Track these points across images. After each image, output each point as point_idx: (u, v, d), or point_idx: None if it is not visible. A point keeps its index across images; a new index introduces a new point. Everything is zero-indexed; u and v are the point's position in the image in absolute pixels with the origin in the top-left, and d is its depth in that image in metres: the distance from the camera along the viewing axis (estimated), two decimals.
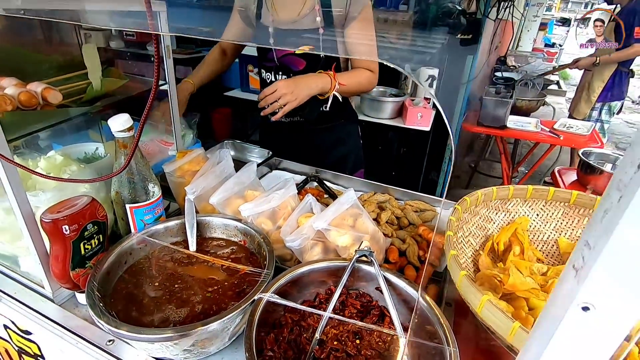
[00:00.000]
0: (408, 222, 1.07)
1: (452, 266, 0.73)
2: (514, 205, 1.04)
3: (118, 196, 0.80)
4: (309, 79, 1.25)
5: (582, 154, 1.82)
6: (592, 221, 0.25)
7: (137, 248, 0.79)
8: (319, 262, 0.75)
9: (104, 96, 0.85)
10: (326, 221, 0.80)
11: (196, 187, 0.88)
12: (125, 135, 0.76)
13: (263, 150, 1.48)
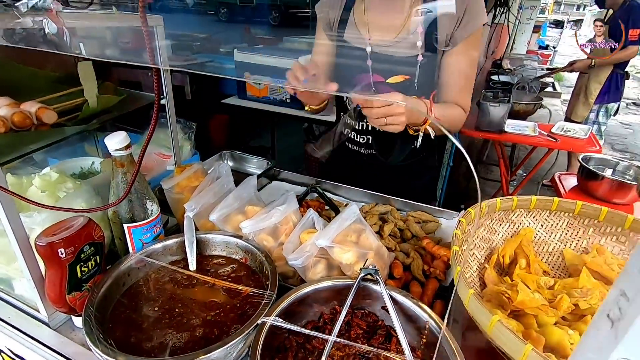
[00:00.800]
0: (411, 234, 1.05)
1: (460, 284, 0.72)
2: (518, 216, 1.03)
3: (115, 215, 0.78)
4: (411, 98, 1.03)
5: (582, 159, 1.82)
6: (628, 269, 0.23)
7: (135, 269, 0.77)
8: (323, 281, 0.73)
9: (100, 113, 0.83)
10: (329, 238, 0.78)
11: (195, 204, 0.86)
12: (122, 154, 0.74)
13: (262, 161, 1.47)
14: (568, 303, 0.77)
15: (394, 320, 0.65)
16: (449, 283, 0.91)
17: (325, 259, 0.83)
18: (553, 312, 0.75)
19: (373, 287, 0.73)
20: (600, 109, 3.81)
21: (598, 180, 1.69)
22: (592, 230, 0.99)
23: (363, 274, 0.72)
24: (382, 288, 0.70)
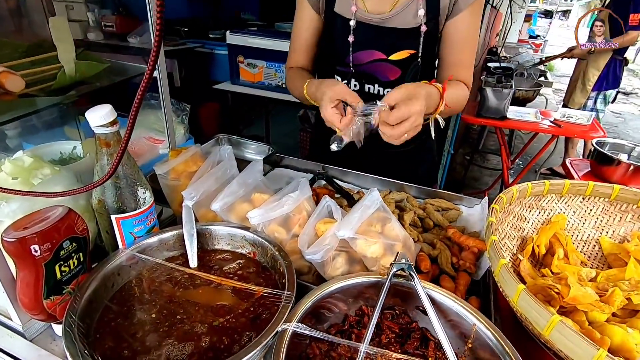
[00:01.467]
0: (433, 223, 0.95)
1: (506, 278, 0.62)
2: (549, 202, 0.94)
3: (101, 205, 0.66)
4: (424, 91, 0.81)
5: (596, 144, 1.75)
6: None
7: (126, 267, 0.66)
8: (348, 278, 0.63)
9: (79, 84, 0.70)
10: (352, 229, 0.67)
11: (195, 191, 0.75)
12: (108, 131, 0.62)
13: (262, 146, 1.35)
14: (621, 297, 0.69)
15: (435, 323, 0.55)
16: (480, 277, 0.82)
17: (345, 252, 0.73)
18: (607, 309, 0.66)
19: (404, 283, 0.64)
20: (598, 96, 3.76)
21: (613, 165, 1.62)
22: (630, 217, 0.91)
23: (395, 269, 0.62)
24: (418, 285, 0.60)
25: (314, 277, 0.75)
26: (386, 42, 1.03)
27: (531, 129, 2.78)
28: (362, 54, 1.06)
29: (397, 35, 1.02)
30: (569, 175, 1.85)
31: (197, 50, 4.08)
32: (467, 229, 0.97)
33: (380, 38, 1.03)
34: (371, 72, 1.08)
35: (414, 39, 1.01)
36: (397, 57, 1.04)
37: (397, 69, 1.06)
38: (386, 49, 1.04)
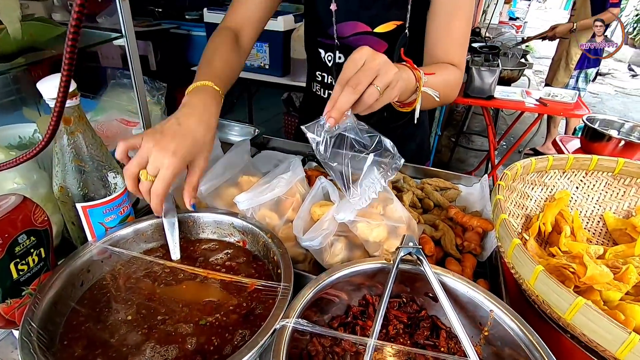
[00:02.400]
0: (433, 204, 0.90)
1: (520, 258, 0.58)
2: (552, 178, 0.90)
3: (64, 192, 0.57)
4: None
5: (586, 120, 1.74)
6: None
7: (97, 262, 0.58)
8: (350, 266, 0.57)
9: (29, 50, 0.60)
10: (353, 211, 0.61)
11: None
12: (66, 105, 0.53)
13: (247, 127, 1.26)
14: (636, 275, 0.65)
15: (449, 312, 0.50)
16: (486, 258, 0.77)
17: (344, 237, 0.66)
18: (624, 287, 0.63)
19: (410, 268, 0.58)
20: (580, 75, 3.79)
21: (604, 141, 1.61)
22: (634, 191, 0.87)
23: (402, 253, 0.56)
24: (429, 271, 0.54)
25: (310, 265, 0.69)
26: (371, 13, 0.93)
27: (518, 108, 2.76)
28: (346, 25, 0.96)
29: (382, 4, 0.91)
30: (560, 152, 1.84)
31: (173, 32, 3.87)
32: (468, 209, 0.92)
33: (364, 8, 0.93)
34: (355, 45, 0.99)
35: (400, 8, 0.90)
36: (382, 30, 0.94)
37: (383, 42, 0.96)
38: (371, 20, 0.94)
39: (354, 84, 0.55)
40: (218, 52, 0.81)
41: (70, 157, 0.56)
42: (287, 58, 2.49)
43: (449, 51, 0.87)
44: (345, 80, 0.57)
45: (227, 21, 0.92)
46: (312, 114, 1.23)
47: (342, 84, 0.56)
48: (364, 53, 0.58)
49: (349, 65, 0.57)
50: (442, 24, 0.86)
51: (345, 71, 0.58)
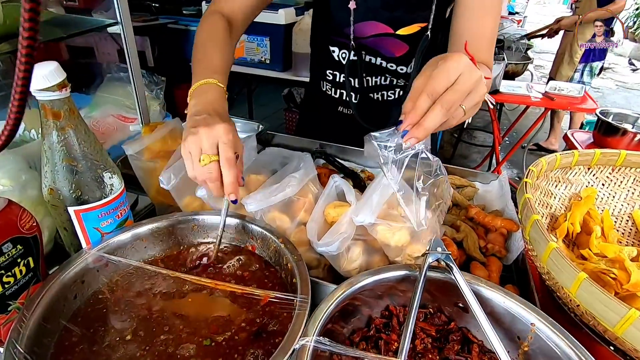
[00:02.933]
0: (452, 203, 0.85)
1: (560, 267, 0.52)
2: (576, 175, 0.85)
3: (54, 195, 0.52)
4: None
5: (600, 113, 1.68)
6: None
7: (93, 272, 0.52)
8: (373, 274, 0.51)
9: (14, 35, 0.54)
10: (373, 213, 0.56)
11: (174, 173, 0.61)
12: (55, 97, 0.47)
13: (250, 123, 1.20)
14: None
15: (486, 326, 0.45)
16: (511, 262, 0.72)
17: (362, 241, 0.61)
18: None
19: (437, 275, 0.53)
20: (585, 68, 3.73)
21: (619, 135, 1.56)
22: None
23: (430, 260, 0.50)
24: (461, 280, 0.49)
25: (325, 271, 0.64)
26: (394, 14, 0.86)
27: (524, 102, 2.71)
28: (365, 25, 0.88)
29: (407, 6, 0.84)
30: (571, 147, 1.79)
31: (171, 27, 3.80)
32: (487, 208, 0.87)
33: (387, 9, 0.85)
34: (373, 47, 0.91)
35: (425, 9, 0.84)
36: (405, 32, 0.87)
37: (404, 44, 0.89)
38: (393, 21, 0.87)
39: (448, 104, 0.47)
40: (214, 42, 0.74)
41: (61, 156, 0.50)
42: (288, 52, 2.42)
43: (479, 50, 0.76)
44: (436, 92, 0.48)
45: (218, 6, 0.83)
46: (318, 113, 1.17)
47: (431, 96, 0.48)
48: (461, 65, 0.48)
49: (441, 75, 0.48)
50: (471, 22, 0.78)
51: (436, 81, 0.48)
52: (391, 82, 0.98)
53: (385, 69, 0.95)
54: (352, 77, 0.98)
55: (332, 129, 1.08)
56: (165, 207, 0.72)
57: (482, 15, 0.77)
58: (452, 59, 0.48)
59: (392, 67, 0.94)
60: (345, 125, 1.06)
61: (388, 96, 1.01)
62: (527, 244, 0.65)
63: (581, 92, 2.70)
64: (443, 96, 0.47)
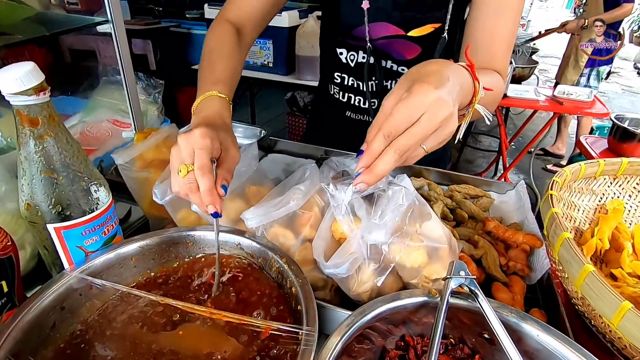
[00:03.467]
0: (467, 215, 0.79)
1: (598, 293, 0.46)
2: (601, 186, 0.80)
3: (31, 211, 0.46)
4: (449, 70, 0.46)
5: (615, 118, 1.62)
6: None
7: (74, 297, 0.47)
8: (387, 301, 0.46)
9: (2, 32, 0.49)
10: (387, 231, 0.50)
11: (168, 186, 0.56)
12: (31, 102, 0.42)
13: (252, 129, 1.15)
14: None
15: None
16: (535, 281, 0.66)
17: (373, 260, 0.55)
18: None
19: (459, 302, 0.47)
20: (591, 72, 3.66)
21: (635, 141, 1.49)
22: None
23: (453, 285, 0.45)
24: (487, 308, 0.43)
25: (332, 293, 0.58)
26: (406, 15, 0.81)
27: (532, 106, 2.65)
28: (374, 27, 0.83)
29: (420, 6, 0.79)
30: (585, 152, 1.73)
31: (173, 31, 3.78)
32: (505, 220, 0.81)
33: (398, 9, 0.81)
34: (384, 49, 0.86)
35: (440, 9, 0.78)
36: (418, 33, 0.82)
37: (416, 46, 0.84)
38: (405, 22, 0.82)
39: (403, 149, 0.41)
40: (218, 51, 0.71)
41: (39, 167, 0.45)
42: (291, 55, 2.38)
43: (494, 55, 0.71)
44: (393, 134, 0.41)
45: (227, 14, 0.80)
46: (326, 118, 1.12)
47: (388, 137, 0.41)
48: (427, 101, 0.40)
49: (402, 114, 0.41)
50: (488, 23, 0.71)
51: (395, 119, 0.41)
52: None
53: (396, 72, 0.90)
54: (359, 81, 0.93)
55: (340, 134, 1.03)
56: (159, 221, 0.66)
57: (498, 15, 0.70)
58: (418, 93, 0.41)
59: (403, 71, 0.89)
60: (353, 130, 1.01)
61: None
62: (555, 264, 0.59)
63: (590, 96, 2.64)
64: (399, 139, 0.41)
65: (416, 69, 0.46)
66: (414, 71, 0.45)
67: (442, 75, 0.43)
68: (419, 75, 0.44)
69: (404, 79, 0.44)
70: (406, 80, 0.44)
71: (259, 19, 0.82)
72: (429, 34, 0.82)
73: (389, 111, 0.42)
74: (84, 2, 3.55)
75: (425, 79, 0.42)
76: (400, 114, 0.41)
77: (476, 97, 0.52)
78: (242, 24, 0.79)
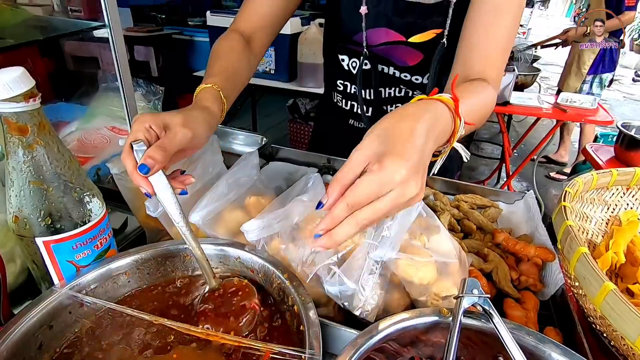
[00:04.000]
0: (475, 226, 0.76)
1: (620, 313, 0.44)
2: (614, 196, 0.77)
3: (19, 224, 0.44)
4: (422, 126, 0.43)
5: (622, 126, 1.60)
6: None
7: (64, 316, 0.44)
8: (395, 322, 0.43)
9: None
10: (394, 246, 0.47)
11: None
12: (20, 109, 0.40)
13: (253, 136, 1.13)
14: None
15: None
16: (548, 297, 0.63)
17: (379, 275, 0.52)
18: None
19: (472, 323, 0.44)
20: (594, 80, 3.65)
21: None
22: None
23: (466, 305, 0.42)
24: (503, 330, 0.40)
25: (335, 309, 0.55)
26: (406, 20, 0.79)
27: (535, 114, 2.63)
28: (375, 32, 0.82)
29: (421, 11, 0.77)
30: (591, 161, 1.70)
31: (176, 38, 3.80)
32: (514, 232, 0.79)
33: (398, 15, 0.79)
34: (385, 55, 0.84)
35: (441, 14, 0.76)
36: (419, 39, 0.80)
37: (418, 52, 0.82)
38: (405, 28, 0.80)
39: (364, 223, 0.39)
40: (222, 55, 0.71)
41: (28, 178, 0.42)
42: (293, 62, 2.37)
43: (488, 59, 0.68)
44: (356, 205, 0.38)
45: (237, 24, 0.80)
46: (330, 126, 1.10)
47: (352, 208, 0.39)
48: (396, 178, 0.38)
49: (369, 187, 0.38)
50: (483, 24, 0.68)
51: (361, 191, 0.38)
52: (406, 93, 0.91)
53: (399, 79, 0.88)
54: (365, 88, 0.91)
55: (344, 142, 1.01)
56: (155, 232, 0.64)
57: (496, 17, 0.67)
58: (388, 170, 0.38)
59: (406, 77, 0.88)
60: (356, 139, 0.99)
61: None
62: (570, 280, 0.57)
63: (594, 103, 2.63)
64: (362, 211, 0.39)
65: (390, 123, 0.43)
66: (387, 126, 0.42)
67: (416, 137, 0.41)
68: (391, 139, 0.40)
69: (376, 136, 0.41)
70: (378, 137, 0.41)
71: (269, 28, 0.82)
72: (431, 40, 0.80)
73: (355, 167, 0.40)
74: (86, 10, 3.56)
75: (398, 147, 0.39)
76: (367, 189, 0.38)
77: (455, 137, 0.50)
78: (253, 34, 0.79)
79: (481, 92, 0.64)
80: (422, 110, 0.45)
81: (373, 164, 0.39)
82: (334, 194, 0.40)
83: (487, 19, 0.67)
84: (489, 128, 4.87)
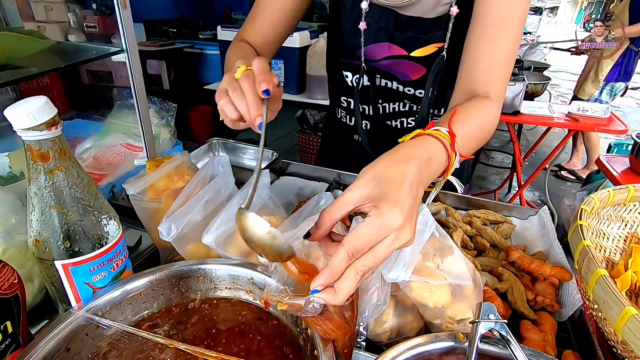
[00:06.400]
0: (489, 243, 0.75)
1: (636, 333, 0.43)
2: (631, 212, 0.75)
3: (40, 247, 0.45)
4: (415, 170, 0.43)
5: (637, 137, 1.57)
6: None
7: (80, 337, 0.45)
8: (410, 347, 0.42)
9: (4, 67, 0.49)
10: (407, 268, 0.47)
11: (177, 221, 0.54)
12: (42, 137, 0.41)
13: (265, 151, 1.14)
14: None
15: None
16: (566, 318, 0.61)
17: (392, 297, 0.52)
18: None
19: (488, 348, 0.43)
20: (605, 87, 3.60)
21: None
22: None
23: (483, 330, 0.41)
24: (521, 357, 0.39)
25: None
26: (408, 35, 0.80)
27: (547, 123, 2.60)
28: (376, 47, 0.82)
29: (422, 25, 0.78)
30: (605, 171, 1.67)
31: (187, 51, 3.88)
32: (529, 250, 0.77)
33: (400, 30, 0.80)
34: (387, 70, 0.85)
35: (442, 28, 0.76)
36: (421, 54, 0.80)
37: (421, 66, 0.82)
38: (407, 43, 0.80)
39: (363, 270, 0.38)
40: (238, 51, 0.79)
41: (49, 203, 0.44)
42: (302, 75, 2.40)
43: (489, 74, 0.68)
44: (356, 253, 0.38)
45: (243, 36, 0.84)
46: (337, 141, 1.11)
47: (352, 256, 0.38)
48: (393, 226, 0.38)
49: (368, 235, 0.38)
50: (485, 39, 0.68)
51: (357, 233, 0.38)
52: (410, 108, 0.91)
53: (402, 93, 0.88)
54: (364, 104, 0.92)
55: (349, 158, 1.02)
56: (169, 250, 0.64)
57: (497, 33, 0.67)
58: (387, 215, 0.38)
59: (409, 92, 0.88)
60: (361, 154, 0.99)
61: (409, 123, 0.94)
62: (589, 302, 0.55)
63: (607, 112, 2.59)
64: (360, 260, 0.38)
65: (384, 166, 0.42)
66: (382, 170, 0.42)
67: (408, 182, 0.41)
68: (385, 183, 0.40)
69: (371, 178, 0.41)
70: (373, 180, 0.40)
71: (273, 40, 0.86)
72: (433, 54, 0.80)
73: (348, 205, 0.40)
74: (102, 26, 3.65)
75: (394, 193, 0.39)
76: (366, 234, 0.38)
77: (449, 171, 0.51)
78: (258, 47, 0.83)
79: (479, 114, 0.64)
80: (417, 150, 0.46)
81: (370, 208, 0.39)
82: (323, 226, 0.41)
83: (489, 34, 0.67)
84: (499, 137, 4.83)
